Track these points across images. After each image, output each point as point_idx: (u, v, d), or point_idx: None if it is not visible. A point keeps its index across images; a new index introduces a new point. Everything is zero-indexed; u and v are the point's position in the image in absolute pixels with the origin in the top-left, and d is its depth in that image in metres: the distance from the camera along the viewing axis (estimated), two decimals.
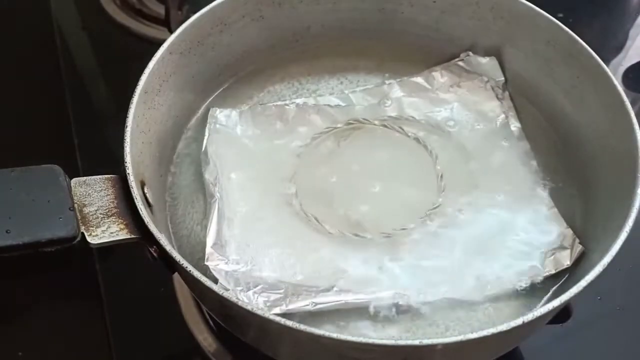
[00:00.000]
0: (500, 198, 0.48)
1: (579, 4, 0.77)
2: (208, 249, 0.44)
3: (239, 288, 0.42)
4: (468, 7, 0.53)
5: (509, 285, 0.44)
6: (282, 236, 0.46)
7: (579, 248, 0.45)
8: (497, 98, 0.53)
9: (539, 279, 0.44)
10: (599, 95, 0.47)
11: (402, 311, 0.43)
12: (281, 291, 0.42)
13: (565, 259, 0.45)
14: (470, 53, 0.55)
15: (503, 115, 0.53)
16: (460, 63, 0.55)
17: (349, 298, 0.43)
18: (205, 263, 0.43)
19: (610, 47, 0.75)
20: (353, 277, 0.44)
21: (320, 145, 0.51)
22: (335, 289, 0.43)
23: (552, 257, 0.45)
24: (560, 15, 0.52)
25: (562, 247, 0.45)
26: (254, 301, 0.42)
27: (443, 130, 0.52)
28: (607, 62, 0.47)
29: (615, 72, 0.69)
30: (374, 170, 0.50)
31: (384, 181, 0.49)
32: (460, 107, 0.53)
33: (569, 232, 0.46)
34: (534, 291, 0.44)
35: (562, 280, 0.45)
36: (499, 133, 0.52)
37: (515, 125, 0.52)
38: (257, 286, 0.42)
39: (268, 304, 0.42)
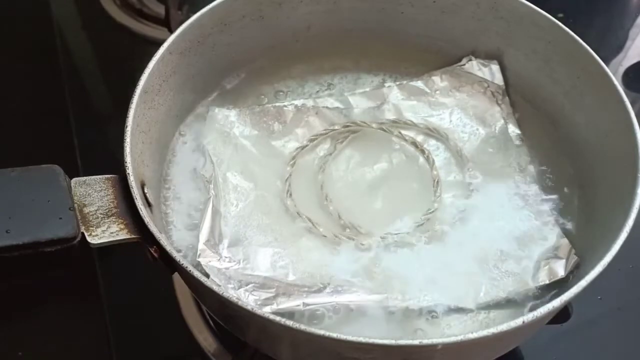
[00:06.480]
0: (496, 205, 0.48)
1: (579, 4, 0.78)
2: (200, 246, 0.44)
3: (230, 285, 0.42)
4: (468, 7, 0.53)
5: (502, 294, 0.44)
6: (275, 236, 0.46)
7: (574, 259, 0.45)
8: (497, 103, 0.53)
9: (533, 288, 0.44)
10: (599, 95, 0.47)
11: (394, 314, 0.43)
12: (272, 290, 0.42)
13: (560, 270, 0.44)
14: (472, 57, 0.55)
15: (502, 121, 0.52)
16: (461, 67, 0.55)
17: (340, 299, 0.43)
18: (198, 259, 0.43)
19: (610, 47, 0.75)
20: (345, 279, 0.44)
21: (317, 147, 0.51)
22: (327, 290, 0.43)
23: (546, 267, 0.45)
24: (560, 15, 0.52)
25: (557, 257, 0.45)
26: (245, 299, 0.42)
27: (441, 134, 0.52)
28: (607, 62, 0.47)
29: (615, 72, 0.69)
30: (370, 173, 0.50)
31: (380, 185, 0.49)
32: (460, 111, 0.53)
33: (565, 241, 0.46)
34: (527, 301, 0.44)
35: (556, 290, 0.44)
36: (498, 138, 0.52)
37: (514, 131, 0.52)
38: (248, 284, 0.42)
39: (259, 302, 0.42)
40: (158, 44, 0.46)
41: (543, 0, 0.51)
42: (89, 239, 0.39)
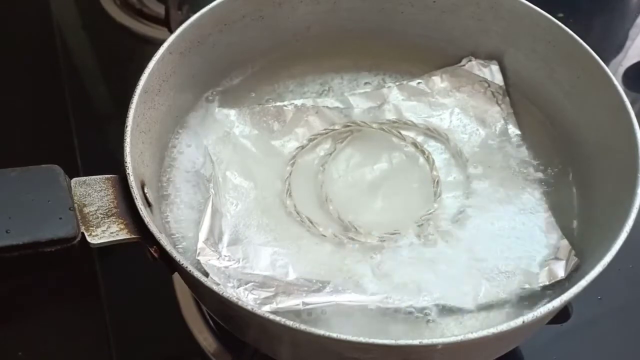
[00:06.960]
0: (496, 205, 0.48)
1: (579, 4, 0.78)
2: (200, 244, 0.44)
3: (230, 284, 0.42)
4: (468, 7, 0.53)
5: (501, 295, 0.44)
6: (275, 236, 0.46)
7: (574, 260, 0.45)
8: (497, 103, 0.53)
9: (533, 289, 0.44)
10: (599, 95, 0.47)
11: (394, 314, 0.43)
12: (272, 289, 0.42)
13: (560, 271, 0.44)
14: (472, 57, 0.55)
15: (502, 121, 0.52)
16: (461, 67, 0.55)
17: (340, 299, 0.42)
18: (197, 257, 0.43)
19: (610, 47, 0.75)
20: (345, 278, 0.44)
21: (317, 147, 0.51)
22: (326, 289, 0.43)
23: (546, 268, 0.44)
24: (560, 15, 0.52)
25: (557, 259, 0.45)
26: (244, 298, 0.42)
27: (441, 135, 0.52)
28: (607, 62, 0.47)
29: (615, 72, 0.69)
30: (370, 174, 0.50)
31: (380, 185, 0.49)
32: (460, 112, 0.53)
33: (565, 242, 0.46)
34: (527, 301, 0.44)
35: (556, 290, 0.44)
36: (498, 139, 0.52)
37: (514, 132, 0.52)
38: (248, 283, 0.42)
39: (258, 301, 0.42)
40: (158, 44, 0.46)
41: (543, 0, 0.51)
42: (89, 239, 0.39)
